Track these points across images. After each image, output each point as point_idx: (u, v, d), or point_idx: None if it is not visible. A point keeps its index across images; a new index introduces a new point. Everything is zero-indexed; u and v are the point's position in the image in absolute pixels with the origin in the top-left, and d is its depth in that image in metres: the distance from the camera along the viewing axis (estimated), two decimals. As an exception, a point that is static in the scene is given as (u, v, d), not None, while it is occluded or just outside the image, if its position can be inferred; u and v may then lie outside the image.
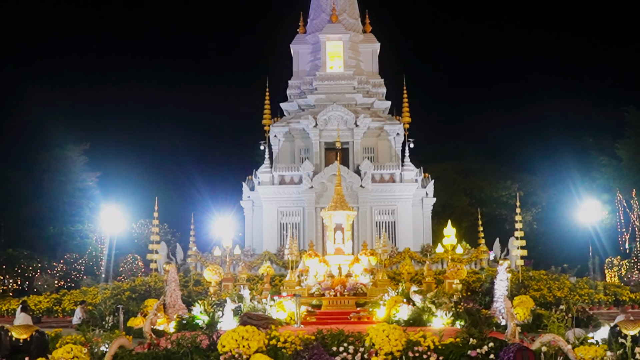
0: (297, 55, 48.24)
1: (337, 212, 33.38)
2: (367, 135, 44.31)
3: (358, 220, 40.46)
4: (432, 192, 44.96)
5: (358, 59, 47.35)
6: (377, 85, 46.82)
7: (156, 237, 35.15)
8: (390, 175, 43.09)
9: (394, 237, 42.21)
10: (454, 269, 28.28)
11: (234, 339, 15.75)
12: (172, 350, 16.20)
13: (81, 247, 57.67)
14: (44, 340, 17.14)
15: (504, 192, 63.95)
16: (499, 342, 16.22)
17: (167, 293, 26.90)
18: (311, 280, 30.49)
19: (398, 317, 24.56)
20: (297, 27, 49.31)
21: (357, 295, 28.59)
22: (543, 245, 58.25)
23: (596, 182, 57.21)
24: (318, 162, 43.23)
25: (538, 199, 63.75)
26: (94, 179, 62.52)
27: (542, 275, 35.22)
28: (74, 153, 61.21)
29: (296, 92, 46.95)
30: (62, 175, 60.40)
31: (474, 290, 31.14)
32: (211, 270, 29.26)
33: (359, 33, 48.22)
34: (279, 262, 38.40)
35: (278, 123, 45.50)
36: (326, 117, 43.47)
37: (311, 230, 41.92)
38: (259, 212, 44.17)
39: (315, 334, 16.91)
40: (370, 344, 16.12)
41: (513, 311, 19.98)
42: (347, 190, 40.74)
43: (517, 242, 33.48)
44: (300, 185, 42.51)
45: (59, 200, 59.90)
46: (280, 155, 45.22)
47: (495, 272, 28.21)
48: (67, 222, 59.51)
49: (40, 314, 33.91)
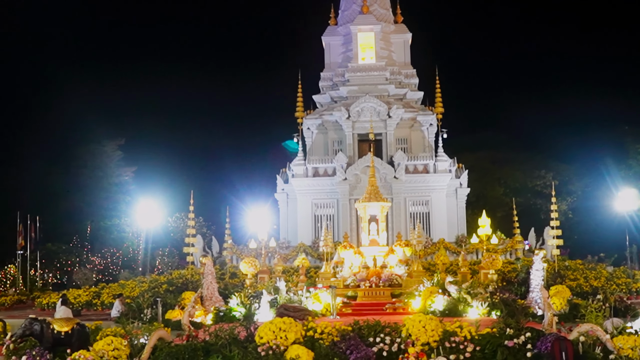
0: (329, 47, 48.25)
1: (371, 204, 33.40)
2: (400, 126, 44.20)
3: (392, 211, 40.44)
4: (466, 183, 44.75)
5: (390, 50, 47.21)
6: (410, 76, 46.66)
7: (192, 231, 35.47)
8: (423, 166, 42.96)
9: (428, 228, 42.12)
10: (489, 259, 28.13)
11: (272, 331, 15.90)
12: (210, 341, 16.39)
13: (118, 241, 58.57)
14: (85, 333, 17.44)
15: (539, 181, 63.32)
16: (536, 332, 16.13)
17: (204, 286, 27.18)
18: (346, 271, 30.60)
19: (433, 307, 24.54)
20: (328, 18, 49.30)
21: (392, 287, 28.62)
22: (579, 235, 57.60)
23: (632, 170, 56.45)
24: (351, 154, 43.27)
25: (573, 187, 63.04)
26: (130, 173, 63.40)
27: (578, 265, 34.93)
28: (109, 148, 62.12)
29: (328, 84, 46.98)
30: (98, 170, 61.35)
31: (509, 280, 31.01)
32: (247, 263, 29.50)
33: (390, 23, 48.05)
34: (314, 254, 38.57)
35: (311, 115, 45.61)
36: (359, 109, 43.45)
37: (345, 222, 42.00)
38: (294, 205, 44.35)
39: (352, 324, 16.99)
40: (406, 334, 16.15)
41: (550, 301, 19.89)
42: (381, 181, 40.69)
43: (552, 231, 33.23)
44: (334, 177, 42.59)
45: (95, 195, 60.82)
46: (313, 147, 45.33)
47: (530, 262, 28.03)
48: (104, 216, 60.43)
49: (79, 307, 34.50)
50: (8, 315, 32.53)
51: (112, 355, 15.93)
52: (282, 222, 45.18)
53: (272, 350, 15.48)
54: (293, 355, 15.24)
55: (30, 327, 16.95)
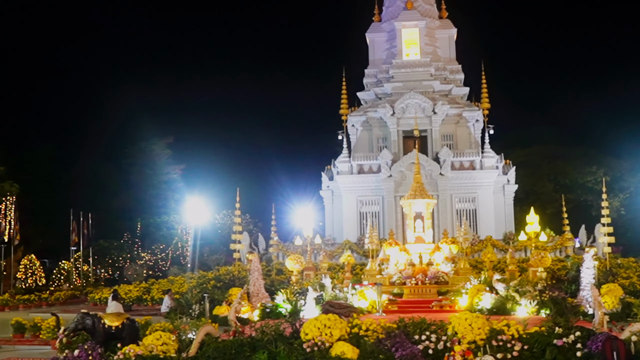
0: (373, 43, 48.12)
1: (417, 201, 33.18)
2: (445, 123, 43.87)
3: (438, 208, 40.15)
4: (514, 179, 44.21)
5: (434, 46, 46.87)
6: (455, 72, 46.27)
7: (239, 228, 35.81)
8: (470, 163, 42.58)
9: (475, 224, 41.75)
10: (537, 256, 27.77)
11: (317, 327, 15.94)
12: (257, 337, 16.50)
13: (167, 237, 59.44)
14: (135, 328, 17.77)
15: (590, 177, 62.10)
16: (586, 331, 15.85)
17: (251, 282, 27.41)
18: (392, 269, 30.48)
19: (481, 305, 24.29)
20: (373, 15, 49.17)
21: (439, 284, 28.40)
22: (632, 232, 56.32)
23: (688, 165, 55.04)
24: (396, 151, 43.11)
25: (626, 184, 61.65)
26: (178, 171, 64.26)
27: (631, 263, 34.20)
28: (158, 147, 63.06)
29: (373, 81, 46.87)
30: (148, 168, 62.35)
31: (559, 278, 30.57)
32: (293, 260, 29.65)
33: (434, 19, 47.71)
34: (359, 251, 38.55)
35: (355, 112, 45.57)
36: (403, 105, 43.26)
37: (391, 219, 41.89)
38: (339, 202, 44.40)
39: (397, 322, 16.93)
40: (452, 332, 16.03)
41: (601, 299, 19.53)
42: (426, 178, 40.46)
43: (603, 228, 32.67)
44: (379, 174, 42.50)
45: (145, 193, 61.86)
46: (358, 144, 45.30)
47: (581, 259, 27.57)
48: (154, 213, 61.41)
49: (130, 302, 35.19)
50: (62, 309, 33.38)
51: (161, 349, 16.16)
52: (328, 219, 45.27)
53: (317, 347, 15.52)
54: (338, 352, 15.26)
55: (83, 321, 17.33)
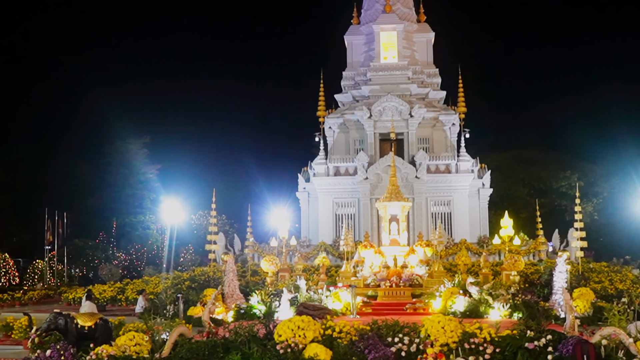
0: (351, 46, 48.24)
1: (392, 203, 33.34)
2: (422, 126, 44.08)
3: (413, 211, 40.36)
4: (489, 183, 44.55)
5: (412, 49, 47.09)
6: (432, 75, 46.52)
7: (214, 228, 35.71)
8: (445, 166, 42.84)
9: (449, 228, 42.00)
10: (511, 260, 28.00)
11: (290, 329, 15.97)
12: (230, 338, 16.50)
13: (143, 237, 59.13)
14: (108, 328, 17.70)
15: (564, 182, 62.76)
16: (558, 335, 16.03)
17: (226, 283, 27.38)
18: (367, 271, 30.58)
19: (454, 308, 24.46)
20: (351, 18, 49.28)
21: (413, 287, 28.56)
22: (604, 237, 57.02)
23: (660, 172, 55.68)
24: (373, 153, 43.25)
25: (599, 189, 62.39)
26: (155, 171, 63.94)
27: (603, 267, 34.61)
28: (135, 146, 62.69)
29: (350, 83, 46.98)
30: (124, 167, 61.97)
31: (532, 282, 30.80)
32: (268, 261, 29.65)
33: (413, 23, 47.93)
34: (334, 253, 38.62)
35: (332, 114, 45.65)
36: (380, 108, 43.41)
37: (366, 221, 42.01)
38: (315, 203, 44.45)
39: (371, 324, 17.02)
40: (425, 335, 16.14)
41: (572, 303, 19.75)
42: (402, 181, 40.66)
43: (577, 233, 32.95)
44: (355, 177, 42.62)
45: (121, 192, 61.48)
46: (335, 146, 45.37)
47: (554, 263, 27.84)
48: (130, 213, 61.05)
49: (104, 302, 34.94)
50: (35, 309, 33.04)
51: (134, 350, 16.10)
52: (303, 220, 45.31)
53: (291, 348, 15.55)
54: (311, 354, 15.29)
55: (55, 321, 17.25)
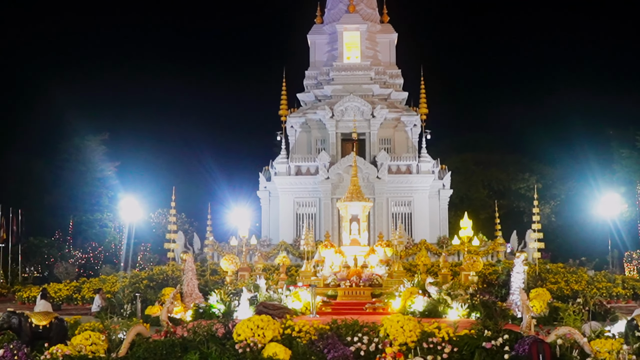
0: (314, 45, 48.16)
1: (353, 203, 33.39)
2: (383, 126, 44.23)
3: (374, 211, 40.48)
4: (449, 184, 44.85)
5: (375, 50, 47.22)
6: (394, 76, 46.69)
7: (174, 227, 35.39)
8: (406, 167, 43.04)
9: (410, 228, 42.22)
10: (470, 261, 28.24)
11: (249, 328, 15.89)
12: (189, 338, 16.35)
13: (100, 236, 58.30)
14: (63, 327, 17.38)
15: (523, 184, 63.54)
16: (514, 335, 16.20)
17: (184, 282, 27.12)
18: (327, 270, 30.57)
19: (413, 308, 24.58)
20: (315, 17, 49.19)
21: (373, 286, 28.62)
22: (561, 239, 57.89)
23: (616, 175, 56.69)
24: (334, 153, 43.27)
25: (557, 191, 63.30)
26: (113, 168, 63.03)
27: (559, 268, 35.11)
28: (93, 143, 61.75)
29: (313, 83, 46.93)
30: (81, 164, 61.00)
31: (490, 282, 31.09)
32: (228, 260, 29.46)
33: (376, 23, 48.05)
34: (295, 253, 38.55)
35: (295, 114, 45.54)
36: (343, 108, 43.44)
37: (327, 221, 42.01)
38: (276, 203, 44.30)
39: (330, 323, 17.01)
40: (384, 334, 16.17)
41: (529, 303, 19.96)
42: (364, 181, 40.75)
43: (534, 234, 33.39)
44: (317, 176, 42.58)
45: (78, 190, 60.48)
46: (296, 145, 45.27)
47: (511, 264, 28.15)
48: (87, 211, 60.13)
49: (60, 301, 34.33)
50: (-13, 308, 32.29)
51: (90, 350, 15.90)
52: (264, 219, 45.12)
53: (250, 348, 15.46)
54: (270, 353, 15.23)
55: (8, 320, 16.87)
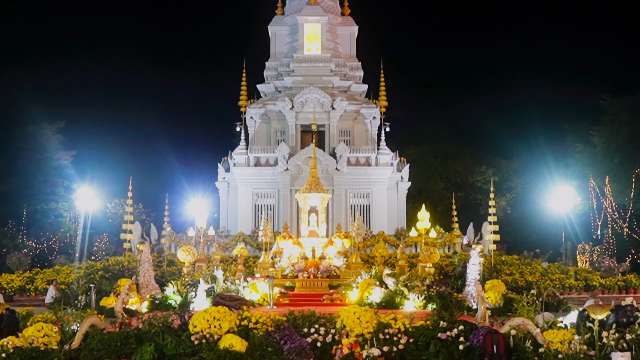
0: (275, 36, 47.97)
1: (312, 195, 33.46)
2: (343, 118, 44.34)
3: (333, 203, 40.60)
4: (408, 176, 45.16)
5: (336, 42, 47.25)
6: (355, 69, 46.79)
7: (130, 217, 35.02)
8: (365, 159, 43.21)
9: (368, 220, 42.41)
10: (427, 252, 28.52)
11: (206, 319, 15.83)
12: (144, 329, 16.22)
13: (55, 225, 57.30)
14: (15, 319, 17.08)
15: (479, 177, 64.23)
16: (469, 325, 16.43)
17: (140, 273, 26.88)
18: (285, 262, 30.60)
19: (370, 299, 24.73)
20: (276, 8, 49.03)
21: (331, 278, 28.75)
22: (516, 231, 58.64)
23: (570, 169, 57.62)
24: (294, 145, 43.23)
25: (513, 184, 64.14)
26: (69, 157, 61.93)
27: (514, 260, 35.60)
28: (49, 131, 60.57)
29: (273, 74, 46.78)
30: (37, 153, 59.80)
31: (446, 274, 31.39)
32: (185, 251, 29.26)
33: (337, 16, 48.06)
34: (253, 244, 38.44)
35: (254, 105, 45.36)
36: (303, 100, 43.42)
37: (286, 212, 41.99)
38: (234, 194, 44.13)
39: (287, 315, 17.03)
40: (341, 325, 16.25)
41: (484, 295, 20.24)
42: (323, 173, 40.84)
43: (490, 227, 33.79)
44: (276, 167, 42.51)
45: (33, 179, 59.29)
46: (256, 136, 45.11)
47: (468, 256, 28.47)
48: (42, 200, 59.00)
49: (12, 292, 33.71)
50: None
51: (42, 341, 15.69)
52: (222, 210, 44.91)
53: (206, 339, 15.40)
54: (226, 345, 15.19)
55: (-43, 312, 16.53)
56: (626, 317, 16.60)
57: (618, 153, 53.10)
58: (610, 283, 35.08)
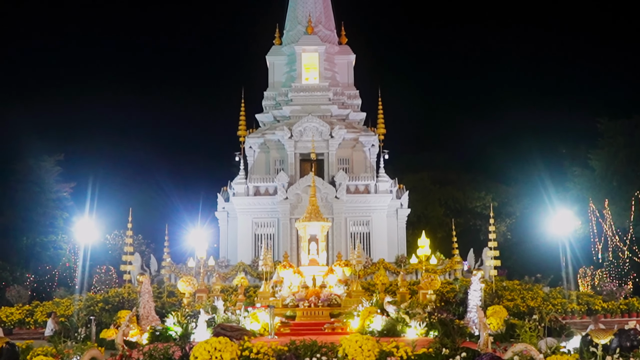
0: (273, 66, 48.28)
1: (312, 223, 33.40)
2: (342, 147, 44.47)
3: (332, 231, 40.51)
4: (407, 203, 45.16)
5: (333, 71, 47.54)
6: (353, 97, 47.01)
7: (130, 249, 34.96)
8: (365, 187, 43.23)
9: (368, 248, 42.32)
10: (427, 279, 28.42)
11: (207, 350, 15.70)
12: (144, 361, 16.13)
13: (55, 258, 57.10)
14: (15, 352, 16.98)
15: (479, 202, 64.26)
16: (472, 352, 16.35)
17: (141, 304, 26.77)
18: (285, 291, 30.47)
19: (372, 327, 24.60)
20: (273, 38, 49.37)
21: (331, 306, 28.61)
22: (517, 256, 58.52)
23: (569, 193, 57.67)
24: (293, 173, 43.29)
25: (512, 209, 64.15)
26: (68, 189, 62.00)
27: (515, 285, 35.45)
28: (48, 164, 60.69)
29: (272, 104, 47.00)
30: (36, 185, 59.82)
31: (447, 300, 31.28)
32: (185, 282, 29.14)
33: (334, 45, 48.43)
34: (253, 273, 38.30)
35: (253, 134, 45.50)
36: (301, 129, 43.57)
37: (286, 241, 41.90)
38: (234, 223, 44.09)
39: (289, 344, 16.93)
40: (343, 354, 16.16)
41: (486, 321, 20.12)
42: (322, 201, 40.86)
43: (490, 252, 33.71)
44: (275, 196, 42.52)
45: (32, 211, 59.24)
46: (255, 166, 45.19)
47: (469, 282, 28.36)
48: (41, 232, 58.90)
49: (12, 325, 33.52)
50: None
51: (42, 375, 15.55)
52: (222, 240, 44.83)
53: (207, 371, 15.29)
54: (228, 376, 15.07)
55: (-44, 346, 16.44)
56: (629, 341, 16.51)
57: (616, 176, 53.20)
58: (613, 307, 34.93)
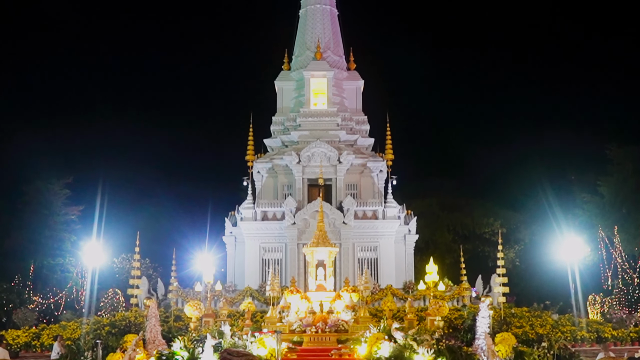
0: (282, 91, 48.50)
1: (319, 249, 33.32)
2: (350, 172, 44.50)
3: (340, 256, 40.41)
4: (415, 229, 45.04)
5: (342, 96, 47.72)
6: (361, 122, 47.13)
7: (137, 272, 34.90)
8: (373, 212, 43.19)
9: (376, 273, 42.17)
10: (435, 305, 28.22)
11: (213, 376, 15.63)
12: (150, 387, 16.04)
13: (62, 281, 57.23)
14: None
15: (487, 228, 64.11)
16: (479, 380, 16.19)
17: (147, 328, 26.68)
18: (292, 316, 30.34)
19: (379, 354, 24.43)
20: (282, 63, 49.65)
21: (339, 332, 28.44)
22: (525, 282, 58.24)
23: (578, 219, 57.50)
24: (301, 199, 43.32)
25: (521, 235, 63.97)
26: (76, 212, 62.19)
27: (524, 312, 35.16)
28: (56, 186, 60.97)
29: (280, 129, 47.17)
30: (44, 208, 60.07)
31: (455, 327, 31.01)
32: (192, 306, 29.03)
33: (343, 70, 48.67)
34: (260, 298, 38.18)
35: (261, 159, 45.62)
36: (309, 154, 43.66)
37: (293, 266, 41.82)
38: (241, 248, 44.05)
39: (295, 371, 16.82)
40: (350, 381, 16.04)
41: (494, 348, 20.01)
42: (330, 226, 40.85)
43: (499, 279, 33.50)
44: (283, 222, 42.52)
45: (40, 234, 59.46)
46: (263, 191, 45.26)
47: (477, 309, 28.16)
48: (48, 255, 59.05)
49: (18, 348, 33.51)
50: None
51: (47, 400, 15.48)
52: (230, 265, 44.77)
53: (213, 397, 15.18)
54: (234, 402, 14.97)
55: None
56: (639, 370, 16.36)
57: (626, 203, 53.11)
58: (623, 335, 34.67)
